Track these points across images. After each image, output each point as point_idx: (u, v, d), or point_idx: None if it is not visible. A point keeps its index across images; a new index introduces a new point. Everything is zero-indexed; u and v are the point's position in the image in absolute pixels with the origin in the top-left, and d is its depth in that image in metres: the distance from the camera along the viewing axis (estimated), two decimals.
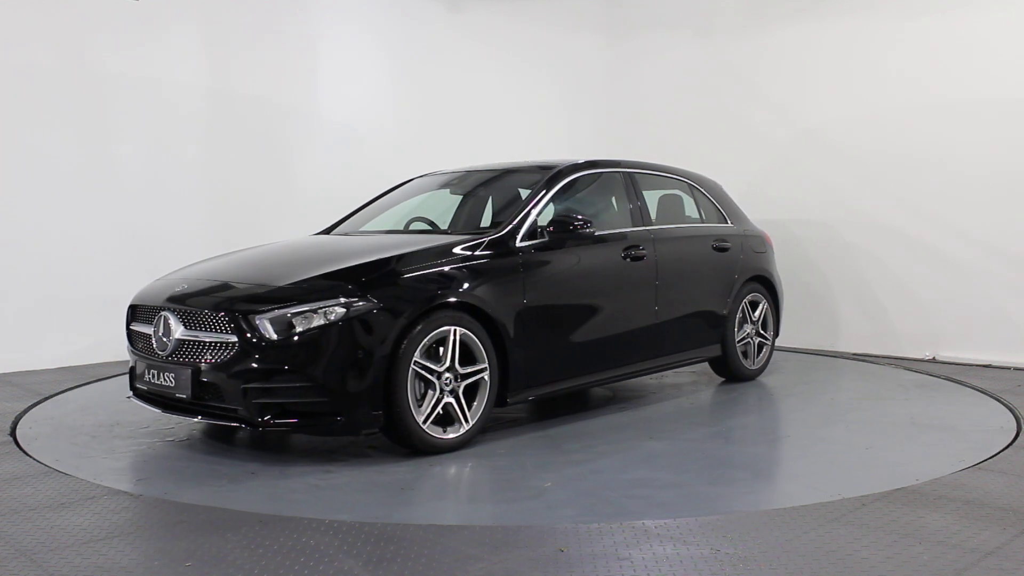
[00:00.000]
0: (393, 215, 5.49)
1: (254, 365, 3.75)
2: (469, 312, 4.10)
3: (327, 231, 5.44)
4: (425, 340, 3.91)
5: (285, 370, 3.74)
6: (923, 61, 6.95)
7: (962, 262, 6.79)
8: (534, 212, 4.65)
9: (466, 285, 4.14)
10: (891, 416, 4.86)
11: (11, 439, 4.35)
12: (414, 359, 3.88)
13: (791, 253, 7.79)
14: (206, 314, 3.92)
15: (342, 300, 3.80)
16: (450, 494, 3.61)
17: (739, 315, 5.83)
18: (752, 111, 8.06)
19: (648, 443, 4.30)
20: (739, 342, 5.84)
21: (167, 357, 4.00)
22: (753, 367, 6.00)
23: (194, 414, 3.97)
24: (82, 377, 6.06)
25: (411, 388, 3.87)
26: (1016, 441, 4.22)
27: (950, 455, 3.96)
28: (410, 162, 7.18)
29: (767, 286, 6.14)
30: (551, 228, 4.57)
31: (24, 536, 2.96)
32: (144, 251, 6.90)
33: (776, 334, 6.26)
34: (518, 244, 4.47)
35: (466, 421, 4.09)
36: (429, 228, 5.35)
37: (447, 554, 2.74)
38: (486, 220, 5.27)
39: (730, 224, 6.03)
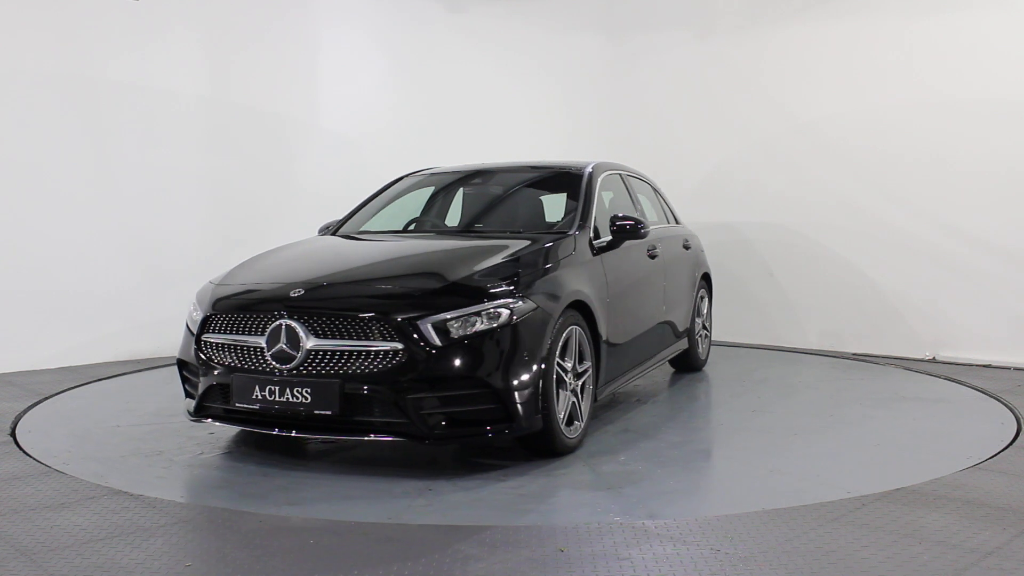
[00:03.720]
0: (403, 214, 5.43)
1: (421, 374, 3.46)
2: (579, 311, 4.07)
3: (335, 229, 5.24)
4: (560, 340, 3.83)
5: (457, 377, 3.49)
6: (924, 61, 6.95)
7: (962, 262, 6.79)
8: (593, 212, 4.66)
9: (580, 285, 4.11)
10: (884, 417, 4.86)
11: (11, 439, 4.34)
12: (556, 359, 3.79)
13: (791, 252, 7.79)
14: (360, 320, 3.55)
15: (506, 301, 3.63)
16: (661, 488, 3.48)
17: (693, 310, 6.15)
18: (752, 111, 8.05)
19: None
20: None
21: (293, 370, 3.58)
22: (702, 358, 6.41)
23: (333, 431, 3.61)
24: (82, 377, 6.06)
25: (555, 389, 3.78)
26: (1016, 441, 4.22)
27: (950, 455, 3.96)
28: (410, 162, 7.16)
29: (708, 283, 6.53)
30: (615, 228, 4.61)
31: (24, 536, 2.96)
32: (143, 251, 6.91)
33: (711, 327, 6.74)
34: (593, 244, 4.49)
35: (581, 419, 4.06)
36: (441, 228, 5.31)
37: (447, 554, 2.74)
38: (497, 220, 5.12)
39: (679, 224, 6.32)
